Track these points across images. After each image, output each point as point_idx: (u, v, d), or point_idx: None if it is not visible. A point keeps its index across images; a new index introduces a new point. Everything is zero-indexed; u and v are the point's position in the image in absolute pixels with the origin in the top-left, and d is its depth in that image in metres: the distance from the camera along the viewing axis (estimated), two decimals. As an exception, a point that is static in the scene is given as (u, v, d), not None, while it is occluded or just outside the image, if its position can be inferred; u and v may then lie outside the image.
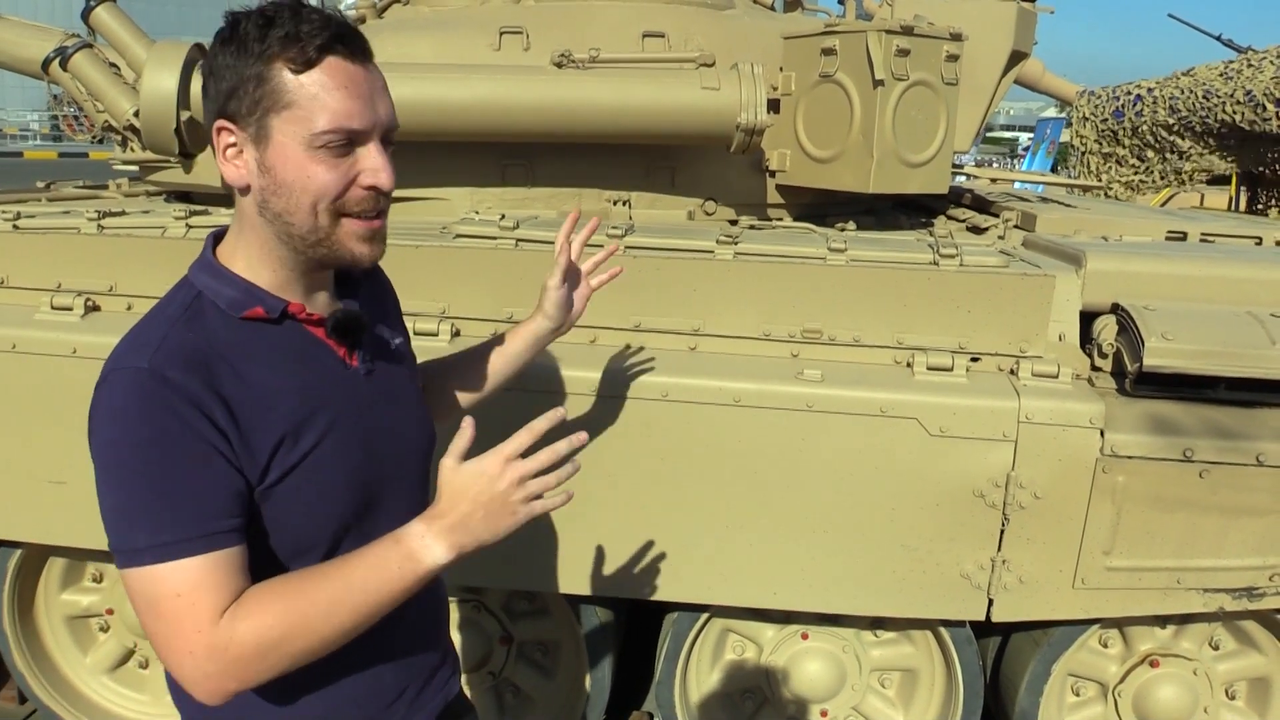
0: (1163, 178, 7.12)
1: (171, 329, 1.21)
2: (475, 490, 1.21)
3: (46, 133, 30.35)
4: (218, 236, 1.33)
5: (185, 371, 1.16)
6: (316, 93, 1.19)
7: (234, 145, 1.23)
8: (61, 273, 2.67)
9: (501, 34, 3.03)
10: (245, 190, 1.24)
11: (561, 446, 1.23)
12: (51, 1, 22.05)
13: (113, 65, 3.25)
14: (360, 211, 1.25)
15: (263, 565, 1.23)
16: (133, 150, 3.29)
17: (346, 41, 1.21)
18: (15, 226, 2.76)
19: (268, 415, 1.21)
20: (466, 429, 1.24)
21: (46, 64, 3.23)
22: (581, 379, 2.37)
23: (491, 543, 1.23)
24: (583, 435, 1.28)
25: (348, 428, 1.29)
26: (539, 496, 1.22)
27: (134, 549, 1.14)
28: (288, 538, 1.26)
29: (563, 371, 2.38)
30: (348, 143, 1.22)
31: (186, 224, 2.72)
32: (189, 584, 1.13)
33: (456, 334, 2.50)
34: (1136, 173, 7.30)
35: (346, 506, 1.30)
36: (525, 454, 1.23)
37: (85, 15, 3.19)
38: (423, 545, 1.20)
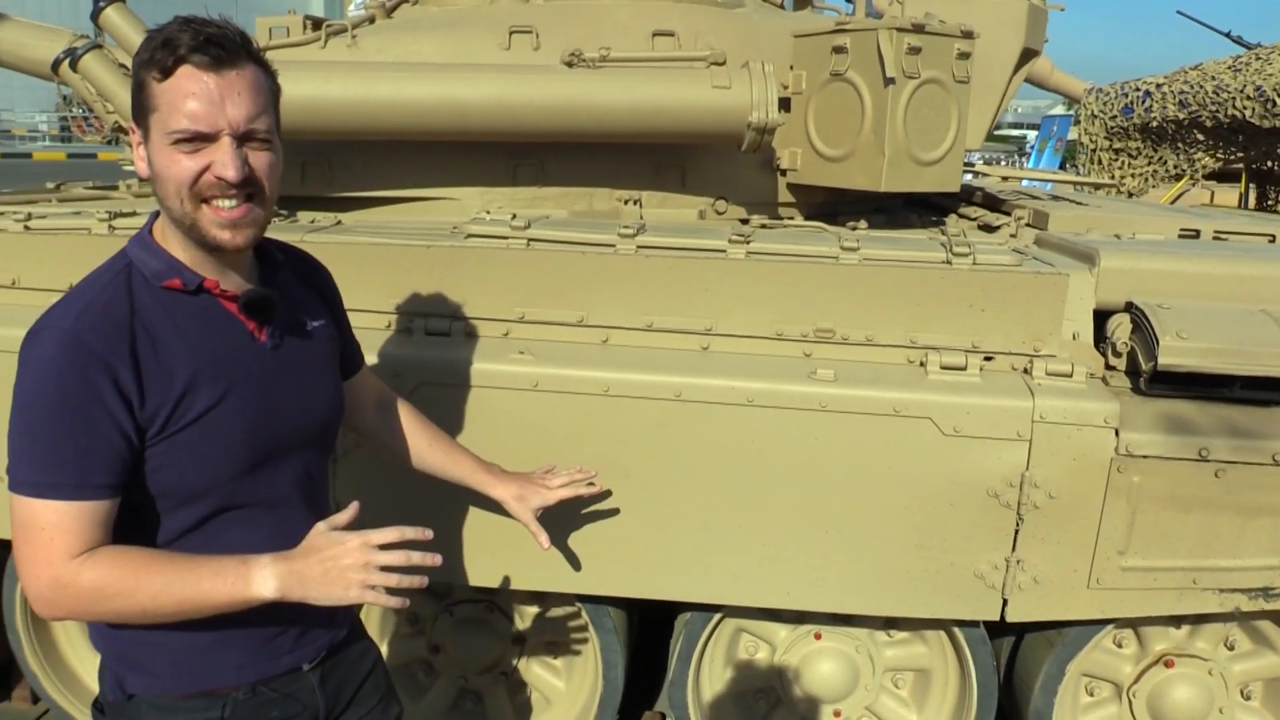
0: (1176, 169, 7.08)
1: (99, 294, 1.42)
2: (326, 553, 1.44)
3: (55, 134, 30.41)
4: (157, 214, 1.52)
5: (100, 335, 1.37)
6: (172, 99, 1.38)
7: (139, 142, 1.45)
8: (73, 273, 2.65)
9: (511, 33, 3.03)
10: (146, 180, 1.46)
11: (416, 557, 1.46)
12: (59, 2, 22.06)
13: (122, 66, 3.24)
14: (217, 200, 1.42)
15: (156, 506, 1.45)
16: (143, 151, 3.28)
17: (205, 51, 1.37)
18: (26, 228, 2.75)
19: (171, 373, 1.42)
20: (350, 511, 1.49)
21: (56, 65, 3.22)
22: (594, 379, 2.36)
23: (316, 602, 1.43)
24: (436, 557, 1.49)
25: (248, 393, 1.49)
26: (376, 587, 1.43)
27: (17, 479, 1.37)
28: (181, 483, 1.45)
29: (575, 372, 2.38)
30: (196, 139, 1.39)
31: (197, 225, 2.72)
32: (52, 523, 1.36)
33: (469, 334, 2.49)
34: (1150, 163, 7.26)
35: (238, 461, 1.48)
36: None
37: (94, 16, 3.18)
38: (259, 575, 1.41)
